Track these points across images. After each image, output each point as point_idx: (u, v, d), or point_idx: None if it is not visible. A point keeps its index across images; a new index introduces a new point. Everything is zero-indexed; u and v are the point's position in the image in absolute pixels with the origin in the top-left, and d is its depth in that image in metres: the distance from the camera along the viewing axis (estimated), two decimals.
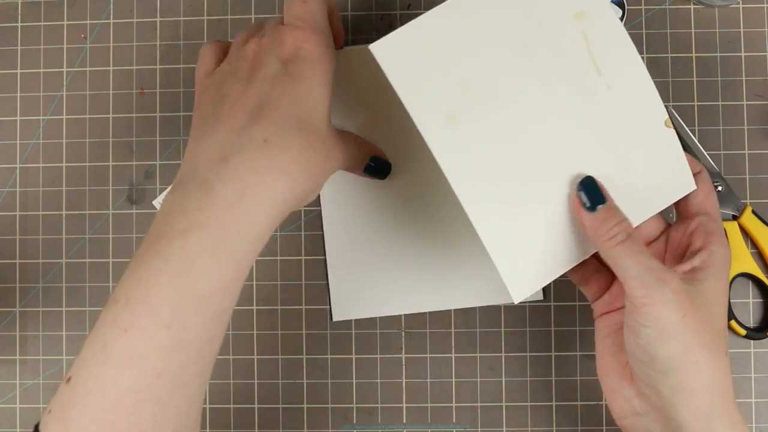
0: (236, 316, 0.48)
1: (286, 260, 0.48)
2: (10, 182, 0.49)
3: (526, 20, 0.37)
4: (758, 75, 0.47)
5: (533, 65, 0.37)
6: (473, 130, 0.36)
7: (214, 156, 0.33)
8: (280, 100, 0.35)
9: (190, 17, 0.49)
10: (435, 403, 0.47)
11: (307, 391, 0.48)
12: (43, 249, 0.49)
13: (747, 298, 0.47)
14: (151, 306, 0.31)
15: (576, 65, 0.37)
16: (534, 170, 0.37)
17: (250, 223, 0.33)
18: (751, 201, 0.47)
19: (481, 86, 0.37)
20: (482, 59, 0.37)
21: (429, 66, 0.36)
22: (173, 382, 0.32)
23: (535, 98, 0.37)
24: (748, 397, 0.46)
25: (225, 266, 0.32)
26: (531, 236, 0.37)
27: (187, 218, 0.32)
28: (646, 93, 0.38)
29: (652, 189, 0.39)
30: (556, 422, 0.47)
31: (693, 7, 0.48)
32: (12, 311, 0.49)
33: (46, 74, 0.49)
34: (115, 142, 0.49)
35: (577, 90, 0.37)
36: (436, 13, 0.36)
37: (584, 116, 0.37)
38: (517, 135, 0.37)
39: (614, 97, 0.38)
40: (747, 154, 0.47)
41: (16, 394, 0.48)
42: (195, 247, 0.32)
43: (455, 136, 0.36)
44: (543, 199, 0.37)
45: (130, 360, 0.31)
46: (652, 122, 0.38)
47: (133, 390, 0.31)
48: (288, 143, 0.34)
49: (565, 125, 0.37)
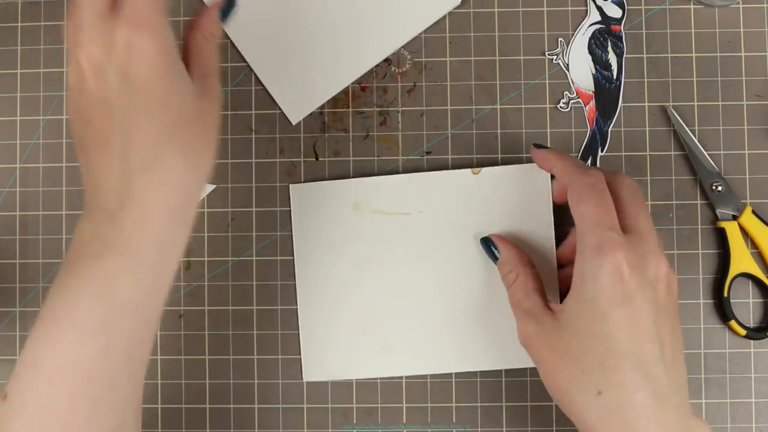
0: (235, 316, 0.48)
1: (286, 260, 0.48)
2: (10, 182, 0.49)
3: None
4: (758, 75, 0.47)
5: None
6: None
7: (109, 185, 0.35)
8: (138, 122, 0.34)
9: (190, 17, 0.49)
10: (435, 403, 0.47)
11: (307, 391, 0.48)
12: (43, 249, 0.49)
13: (747, 298, 0.47)
14: (77, 320, 0.33)
15: None
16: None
17: (155, 232, 0.35)
18: (751, 201, 0.47)
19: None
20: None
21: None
22: (105, 385, 0.34)
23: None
24: (748, 397, 0.46)
25: (142, 275, 0.35)
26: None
27: (100, 241, 0.34)
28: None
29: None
30: (556, 422, 0.47)
31: (693, 7, 0.48)
32: (12, 311, 0.49)
33: (46, 74, 0.49)
34: None
35: None
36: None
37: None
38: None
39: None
40: (747, 154, 0.47)
41: None
42: (110, 264, 0.34)
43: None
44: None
45: (62, 370, 0.33)
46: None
47: (67, 395, 0.33)
48: (166, 162, 0.35)
49: None
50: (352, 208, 0.47)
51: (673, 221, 0.47)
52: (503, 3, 0.48)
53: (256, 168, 0.48)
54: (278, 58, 0.48)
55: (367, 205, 0.47)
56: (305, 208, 0.47)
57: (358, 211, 0.47)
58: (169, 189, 0.35)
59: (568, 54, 0.47)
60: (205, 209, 0.48)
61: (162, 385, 0.48)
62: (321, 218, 0.47)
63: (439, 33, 0.48)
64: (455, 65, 0.48)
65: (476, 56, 0.48)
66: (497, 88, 0.48)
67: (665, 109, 0.47)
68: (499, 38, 0.48)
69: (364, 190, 0.47)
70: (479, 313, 0.46)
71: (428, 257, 0.46)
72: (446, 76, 0.48)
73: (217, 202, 0.48)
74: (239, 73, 0.49)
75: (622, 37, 0.47)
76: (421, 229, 0.46)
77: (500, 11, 0.48)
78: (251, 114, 0.48)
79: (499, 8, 0.48)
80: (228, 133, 0.48)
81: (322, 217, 0.47)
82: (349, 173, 0.48)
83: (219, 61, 0.39)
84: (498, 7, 0.48)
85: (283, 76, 0.48)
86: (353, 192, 0.47)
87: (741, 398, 0.46)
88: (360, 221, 0.47)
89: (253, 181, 0.48)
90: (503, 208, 0.46)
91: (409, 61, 0.48)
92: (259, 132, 0.48)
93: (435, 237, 0.46)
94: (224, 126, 0.48)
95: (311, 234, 0.47)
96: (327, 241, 0.47)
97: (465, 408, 0.47)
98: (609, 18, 0.47)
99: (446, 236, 0.46)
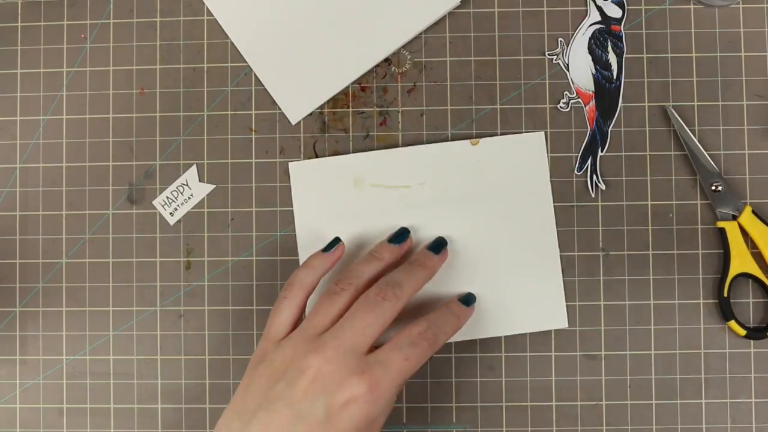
0: (236, 317, 0.48)
1: (286, 260, 0.48)
2: (10, 182, 0.49)
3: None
4: (758, 75, 0.47)
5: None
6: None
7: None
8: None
9: (190, 17, 0.49)
10: (435, 403, 0.47)
11: None
12: (43, 249, 0.49)
13: (747, 298, 0.47)
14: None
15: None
16: None
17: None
18: (751, 201, 0.47)
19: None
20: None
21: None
22: None
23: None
24: (748, 397, 0.46)
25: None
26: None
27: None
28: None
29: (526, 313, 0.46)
30: (556, 422, 0.47)
31: (693, 7, 0.48)
32: (12, 311, 0.49)
33: (46, 74, 0.49)
34: (115, 142, 0.49)
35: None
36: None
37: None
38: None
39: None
40: (747, 154, 0.47)
41: (16, 394, 0.48)
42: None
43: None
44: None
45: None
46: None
47: None
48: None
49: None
50: (353, 183, 0.47)
51: (673, 221, 0.47)
52: (503, 3, 0.48)
53: (256, 168, 0.48)
54: (278, 58, 0.48)
55: (368, 180, 0.47)
56: (305, 185, 0.47)
57: (358, 186, 0.47)
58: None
59: (568, 54, 0.47)
60: (205, 209, 0.48)
61: (162, 385, 0.48)
62: (321, 195, 0.47)
63: (439, 33, 0.48)
64: (455, 65, 0.48)
65: (476, 56, 0.48)
66: (497, 88, 0.48)
67: (665, 109, 0.47)
68: (499, 38, 0.48)
69: (364, 164, 0.47)
70: (480, 284, 0.46)
71: (429, 228, 0.47)
72: (446, 76, 0.48)
73: (217, 202, 0.48)
74: (239, 73, 0.49)
75: (622, 37, 0.47)
76: (422, 201, 0.47)
77: (500, 11, 0.48)
78: (251, 114, 0.48)
79: (499, 8, 0.48)
80: (228, 133, 0.48)
81: (322, 193, 0.47)
82: None
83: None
84: (498, 7, 0.48)
85: (283, 76, 0.48)
86: (353, 167, 0.47)
87: (741, 398, 0.46)
88: (361, 196, 0.47)
89: (253, 181, 0.48)
90: (502, 177, 0.47)
91: (409, 61, 0.48)
92: (259, 132, 0.48)
93: (436, 208, 0.47)
94: (224, 126, 0.48)
95: (312, 210, 0.47)
96: (328, 217, 0.47)
97: (465, 408, 0.47)
98: (609, 18, 0.47)
99: (447, 207, 0.47)
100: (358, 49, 0.48)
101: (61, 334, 0.48)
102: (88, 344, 0.48)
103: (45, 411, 0.48)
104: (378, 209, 0.47)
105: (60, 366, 0.48)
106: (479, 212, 0.47)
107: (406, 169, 0.47)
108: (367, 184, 0.47)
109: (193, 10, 0.49)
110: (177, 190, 0.48)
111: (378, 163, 0.47)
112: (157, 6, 0.49)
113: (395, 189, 0.47)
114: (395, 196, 0.47)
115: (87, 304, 0.48)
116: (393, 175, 0.47)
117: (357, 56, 0.48)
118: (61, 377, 0.48)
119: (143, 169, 0.49)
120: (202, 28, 0.49)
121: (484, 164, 0.47)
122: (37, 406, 0.48)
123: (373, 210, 0.47)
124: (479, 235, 0.47)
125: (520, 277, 0.46)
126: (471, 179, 0.47)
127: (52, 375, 0.48)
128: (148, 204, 0.48)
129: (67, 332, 0.48)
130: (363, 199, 0.47)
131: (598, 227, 0.47)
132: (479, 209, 0.47)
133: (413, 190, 0.47)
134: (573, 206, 0.47)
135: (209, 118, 0.49)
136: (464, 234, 0.47)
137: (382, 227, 0.47)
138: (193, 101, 0.49)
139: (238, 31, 0.48)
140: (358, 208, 0.47)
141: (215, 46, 0.49)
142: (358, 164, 0.47)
